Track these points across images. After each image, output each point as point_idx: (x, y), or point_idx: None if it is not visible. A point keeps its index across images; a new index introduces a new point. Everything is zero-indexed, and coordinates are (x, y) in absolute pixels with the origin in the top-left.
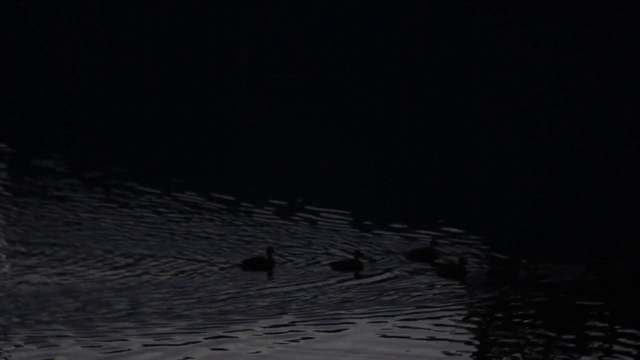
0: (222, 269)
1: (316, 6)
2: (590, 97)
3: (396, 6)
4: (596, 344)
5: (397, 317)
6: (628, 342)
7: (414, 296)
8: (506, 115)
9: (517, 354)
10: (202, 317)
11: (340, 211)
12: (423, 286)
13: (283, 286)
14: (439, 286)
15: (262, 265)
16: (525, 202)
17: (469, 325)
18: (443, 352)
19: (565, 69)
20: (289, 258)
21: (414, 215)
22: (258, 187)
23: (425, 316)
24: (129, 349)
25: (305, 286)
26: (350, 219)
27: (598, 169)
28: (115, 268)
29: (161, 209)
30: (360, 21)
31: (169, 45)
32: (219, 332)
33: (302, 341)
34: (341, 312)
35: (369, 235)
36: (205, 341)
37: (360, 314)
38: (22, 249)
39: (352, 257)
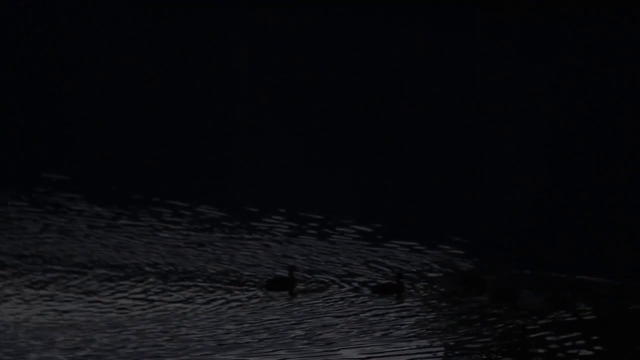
0: (242, 291)
1: (316, 6)
2: (590, 97)
3: (396, 9)
4: None
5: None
6: None
7: (468, 332)
8: (506, 115)
9: None
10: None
11: (348, 220)
12: (474, 314)
13: (315, 313)
14: (490, 314)
15: (285, 285)
16: (528, 206)
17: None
18: None
19: (565, 69)
20: (315, 278)
21: (428, 224)
22: (262, 196)
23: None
24: None
25: (343, 312)
26: (362, 228)
27: (598, 169)
28: (118, 293)
29: (164, 222)
30: (360, 21)
31: (169, 45)
32: None
33: None
34: (385, 343)
35: (391, 247)
36: None
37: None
38: (12, 269)
39: (389, 279)
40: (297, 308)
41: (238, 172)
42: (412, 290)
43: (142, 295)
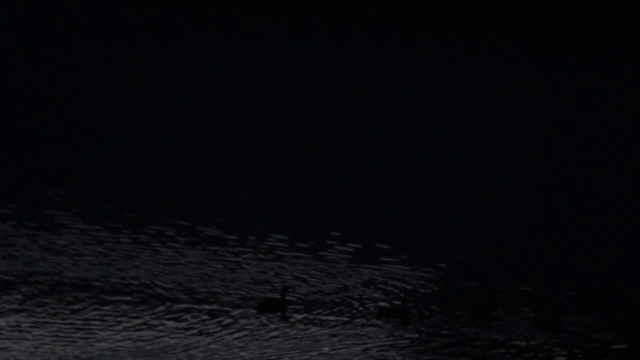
0: (233, 314)
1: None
2: (587, 125)
3: (390, 49)
4: None
5: None
6: None
7: None
8: (503, 145)
9: None
10: None
11: (346, 238)
12: (485, 343)
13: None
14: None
15: (277, 307)
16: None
17: None
18: None
19: (563, 97)
20: (309, 301)
21: (429, 242)
22: (256, 214)
23: None
24: None
25: (339, 339)
26: (360, 246)
27: (597, 196)
28: (105, 319)
29: (156, 242)
30: (355, 57)
31: (165, 64)
32: None
33: None
34: None
35: (392, 267)
36: None
37: None
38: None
39: (398, 303)
40: (290, 334)
41: (233, 190)
42: (418, 315)
43: (129, 321)
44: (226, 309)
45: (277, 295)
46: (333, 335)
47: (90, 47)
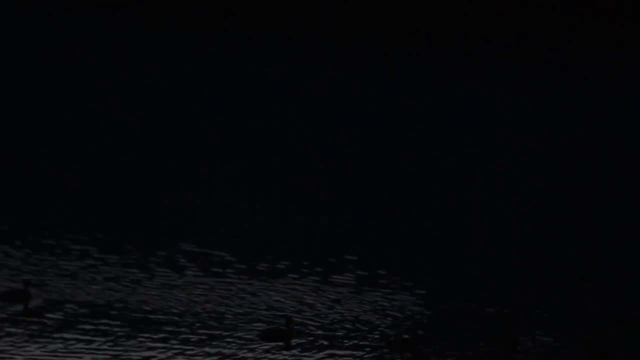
0: (235, 343)
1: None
2: (588, 134)
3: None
4: None
5: None
6: None
7: None
8: (507, 161)
9: None
10: None
11: (352, 264)
12: None
13: None
14: None
15: (281, 336)
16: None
17: None
18: None
19: (560, 112)
20: (315, 329)
21: (437, 267)
22: (259, 238)
23: None
24: None
25: None
26: (366, 273)
27: (602, 208)
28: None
29: (157, 264)
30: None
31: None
32: None
33: None
34: None
35: (400, 294)
36: None
37: None
38: None
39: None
40: None
41: (234, 215)
42: (428, 346)
43: (130, 347)
44: (230, 336)
45: (281, 324)
46: None
47: (96, 67)
